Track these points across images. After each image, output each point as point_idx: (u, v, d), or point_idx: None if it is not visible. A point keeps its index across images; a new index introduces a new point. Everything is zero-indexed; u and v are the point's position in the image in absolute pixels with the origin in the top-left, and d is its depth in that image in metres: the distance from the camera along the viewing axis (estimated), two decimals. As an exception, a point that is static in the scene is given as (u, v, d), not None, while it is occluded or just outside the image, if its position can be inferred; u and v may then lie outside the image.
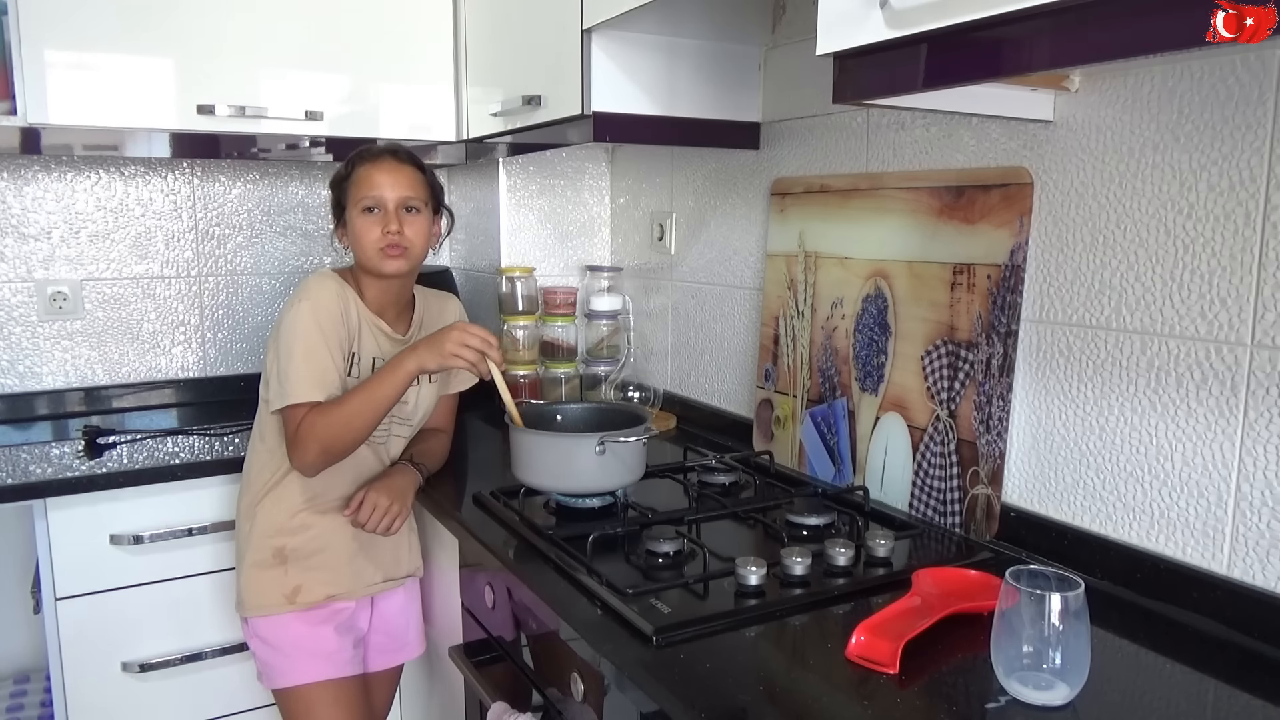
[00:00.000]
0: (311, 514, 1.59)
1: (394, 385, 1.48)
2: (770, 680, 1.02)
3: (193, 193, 2.34)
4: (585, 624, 1.15)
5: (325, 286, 1.53)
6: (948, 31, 0.95)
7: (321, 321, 1.50)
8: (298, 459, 1.49)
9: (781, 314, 1.78)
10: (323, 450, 1.47)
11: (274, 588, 1.58)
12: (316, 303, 1.50)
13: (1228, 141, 1.10)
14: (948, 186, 1.44)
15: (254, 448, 1.62)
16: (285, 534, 1.58)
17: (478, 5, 2.09)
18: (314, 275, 1.56)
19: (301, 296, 1.51)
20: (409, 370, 1.47)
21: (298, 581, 1.58)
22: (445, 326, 1.52)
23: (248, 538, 1.60)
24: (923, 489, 1.48)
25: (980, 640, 1.01)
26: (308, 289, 1.52)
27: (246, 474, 1.64)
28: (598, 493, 1.53)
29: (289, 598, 1.58)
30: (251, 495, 1.60)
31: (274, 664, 1.60)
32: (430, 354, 1.47)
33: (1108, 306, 1.25)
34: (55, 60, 1.83)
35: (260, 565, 1.58)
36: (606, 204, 2.43)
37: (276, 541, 1.58)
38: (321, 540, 1.59)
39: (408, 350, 1.50)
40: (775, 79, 1.81)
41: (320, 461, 1.49)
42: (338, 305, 1.52)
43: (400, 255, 1.54)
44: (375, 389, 1.47)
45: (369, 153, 1.59)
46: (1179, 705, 1.00)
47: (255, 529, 1.59)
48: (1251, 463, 1.11)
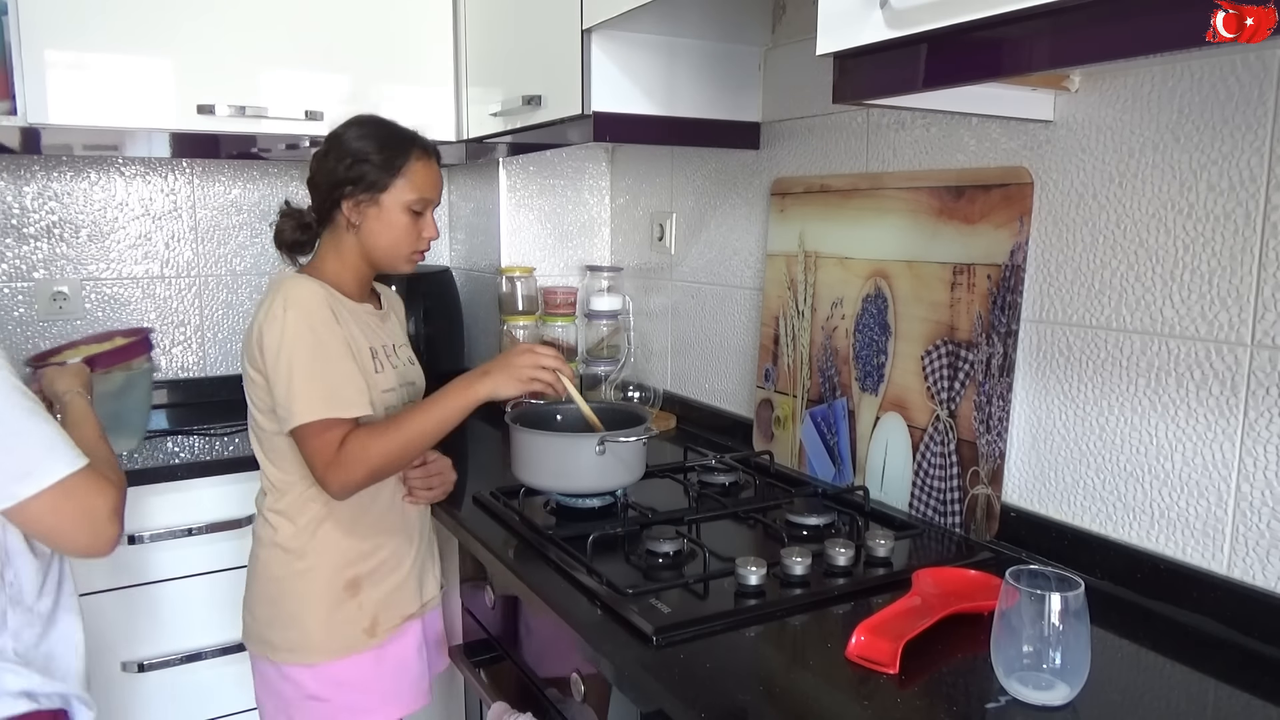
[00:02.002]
0: (380, 533, 1.45)
1: (459, 410, 1.35)
2: (770, 680, 1.02)
3: (193, 193, 2.34)
4: (585, 624, 1.15)
5: (308, 289, 1.37)
6: (947, 31, 0.95)
7: (317, 328, 1.35)
8: (336, 482, 1.32)
9: (781, 314, 1.78)
10: (371, 474, 1.33)
11: (351, 625, 1.42)
12: (307, 310, 1.35)
13: (1228, 141, 1.10)
14: (948, 186, 1.44)
15: (277, 479, 1.42)
16: (358, 561, 1.43)
17: (478, 5, 2.09)
18: (287, 281, 1.39)
19: (285, 306, 1.34)
20: (479, 396, 1.35)
21: (373, 612, 1.44)
22: (511, 350, 1.42)
23: (306, 576, 1.41)
24: (923, 489, 1.48)
25: (980, 640, 1.01)
26: (289, 296, 1.35)
27: (280, 508, 1.42)
28: (598, 493, 1.53)
29: (369, 631, 1.44)
30: (299, 529, 1.41)
31: (355, 708, 1.45)
32: (505, 380, 1.37)
33: (1108, 306, 1.25)
34: (55, 60, 1.83)
35: (333, 604, 1.41)
36: (606, 204, 2.43)
37: (349, 573, 1.42)
38: (393, 558, 1.47)
39: (475, 375, 1.37)
40: (775, 79, 1.81)
41: (364, 485, 1.34)
42: (328, 308, 1.37)
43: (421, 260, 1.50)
44: (437, 413, 1.34)
45: (425, 145, 1.45)
46: (1179, 705, 1.00)
47: (319, 565, 1.41)
48: (1251, 463, 1.11)
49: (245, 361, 1.41)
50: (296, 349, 1.33)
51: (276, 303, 1.35)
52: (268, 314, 1.35)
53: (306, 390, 1.32)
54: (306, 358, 1.33)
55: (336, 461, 1.31)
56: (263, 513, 1.45)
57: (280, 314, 1.33)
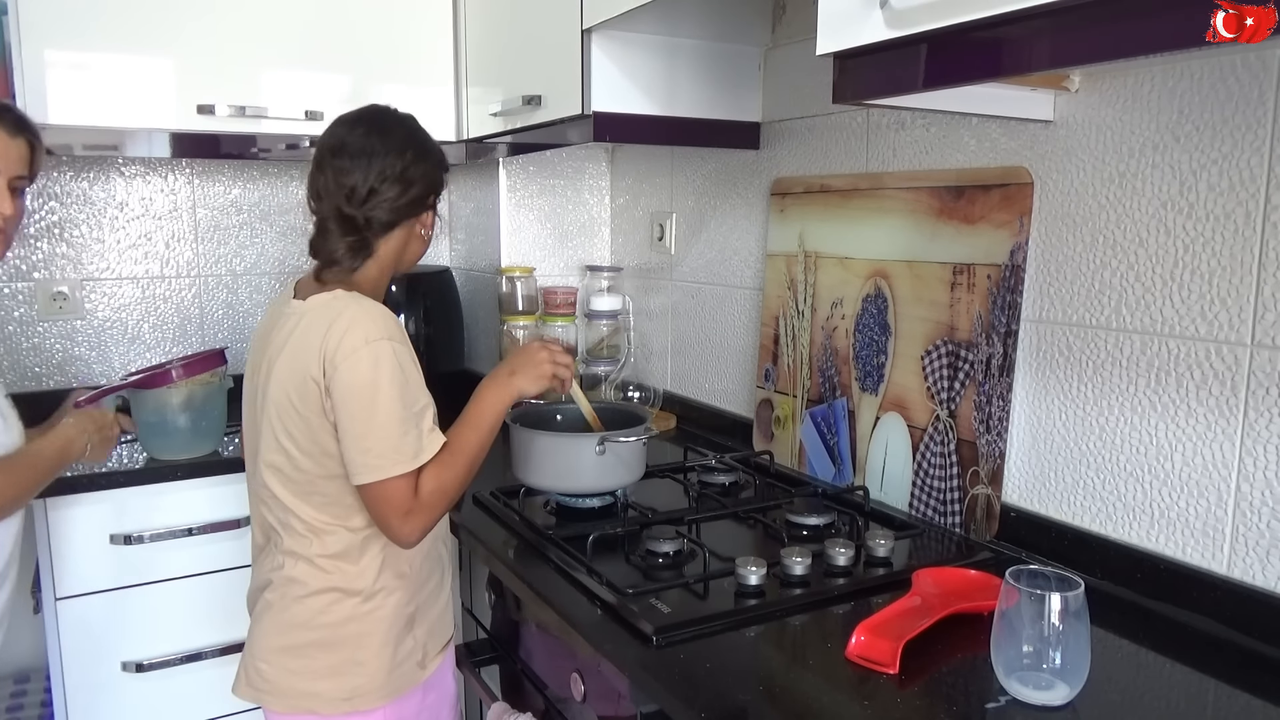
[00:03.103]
0: (429, 560, 1.39)
1: (501, 415, 1.34)
2: (770, 680, 1.02)
3: (192, 193, 2.34)
4: (585, 624, 1.15)
5: (379, 315, 1.24)
6: (947, 31, 0.95)
7: (403, 362, 1.22)
8: (417, 529, 1.23)
9: (781, 314, 1.78)
10: (448, 507, 1.27)
11: (409, 661, 1.34)
12: (390, 340, 1.21)
13: (1228, 141, 1.10)
14: (948, 186, 1.44)
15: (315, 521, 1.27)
16: (416, 594, 1.35)
17: (478, 5, 2.09)
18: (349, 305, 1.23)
19: (365, 339, 1.19)
20: (511, 399, 1.34)
21: (424, 641, 1.37)
22: (526, 349, 1.41)
23: (372, 618, 1.29)
24: (923, 489, 1.48)
25: (980, 640, 1.01)
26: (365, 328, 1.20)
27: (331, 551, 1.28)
28: (598, 493, 1.53)
29: (421, 664, 1.36)
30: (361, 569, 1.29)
31: None
32: (529, 379, 1.36)
33: (1108, 306, 1.25)
34: (55, 60, 1.83)
35: (396, 643, 1.32)
36: (606, 204, 2.43)
37: (409, 609, 1.34)
38: (439, 585, 1.42)
39: (502, 378, 1.35)
40: (775, 79, 1.81)
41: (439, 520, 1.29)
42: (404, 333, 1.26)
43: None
44: (485, 423, 1.31)
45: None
46: (1179, 705, 1.00)
47: (386, 605, 1.30)
48: (1251, 463, 1.11)
49: (288, 393, 1.24)
50: (388, 393, 1.19)
51: (351, 337, 1.19)
52: (342, 350, 1.19)
53: (401, 442, 1.20)
54: (397, 402, 1.20)
55: (417, 508, 1.22)
56: (297, 555, 1.28)
57: (360, 348, 1.19)
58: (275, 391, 1.25)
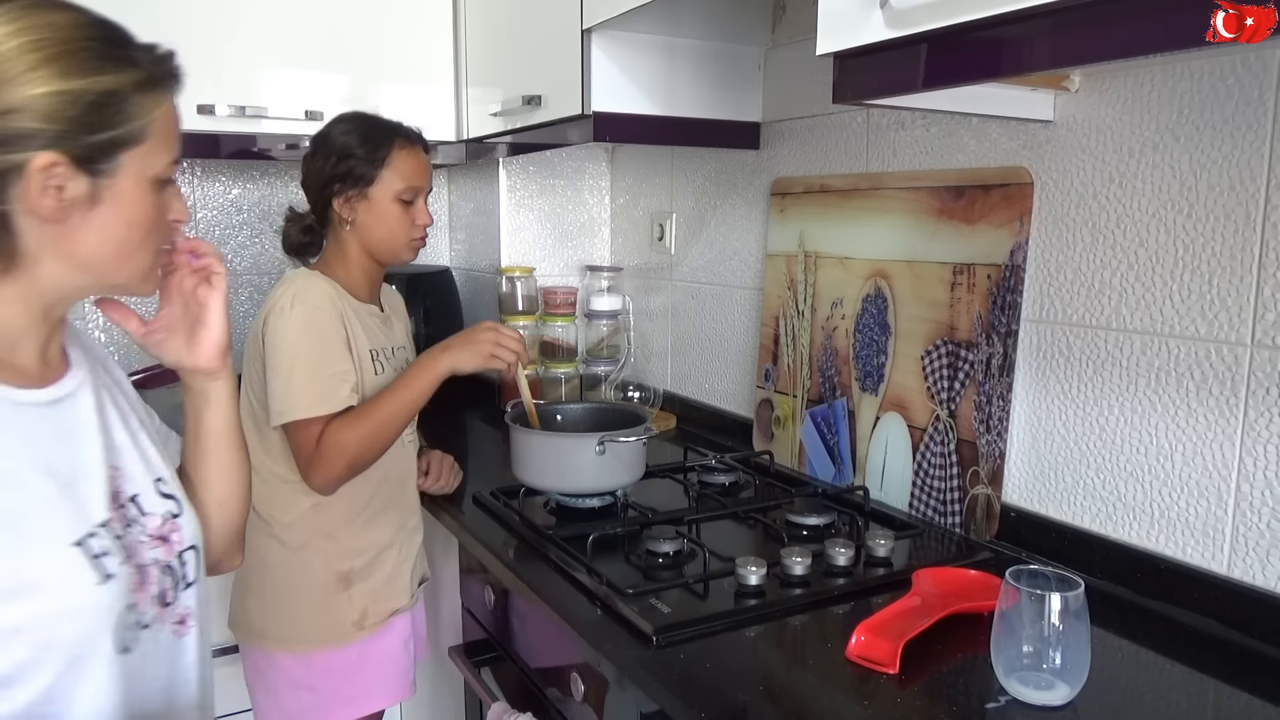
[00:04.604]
0: (371, 528, 1.48)
1: (425, 388, 1.41)
2: (770, 680, 1.02)
3: (192, 193, 2.34)
4: (585, 624, 1.15)
5: (317, 287, 1.40)
6: (947, 31, 0.95)
7: (322, 326, 1.38)
8: (319, 476, 1.36)
9: (781, 314, 1.78)
10: (349, 464, 1.36)
11: (341, 617, 1.46)
12: (315, 307, 1.38)
13: (1228, 141, 1.10)
14: (948, 186, 1.44)
15: (271, 470, 1.43)
16: (350, 557, 1.46)
17: (478, 5, 2.09)
18: (299, 276, 1.42)
19: (294, 301, 1.37)
20: (441, 372, 1.41)
21: (363, 604, 1.47)
22: (474, 326, 1.48)
23: (299, 568, 1.44)
24: (923, 489, 1.48)
25: (980, 640, 1.01)
26: (298, 292, 1.38)
27: (276, 499, 1.44)
28: (598, 493, 1.53)
29: (358, 624, 1.46)
30: (292, 521, 1.44)
31: (341, 697, 1.48)
32: (466, 354, 1.42)
33: (1108, 306, 1.25)
34: (55, 60, 1.83)
35: (324, 596, 1.45)
36: (606, 204, 2.43)
37: (340, 567, 1.45)
38: (383, 554, 1.50)
39: (436, 351, 1.43)
40: (775, 79, 1.81)
41: (345, 477, 1.38)
42: (335, 307, 1.40)
43: (422, 246, 1.52)
44: (404, 393, 1.39)
45: (408, 134, 1.48)
46: (1179, 705, 1.00)
47: (312, 558, 1.44)
48: (1251, 463, 1.11)
49: (248, 353, 1.44)
50: (300, 345, 1.36)
51: (285, 297, 1.38)
52: (276, 308, 1.38)
53: (305, 388, 1.35)
54: (308, 355, 1.36)
55: (316, 456, 1.35)
56: (256, 504, 1.40)
57: (288, 308, 1.37)
58: (247, 351, 1.45)
